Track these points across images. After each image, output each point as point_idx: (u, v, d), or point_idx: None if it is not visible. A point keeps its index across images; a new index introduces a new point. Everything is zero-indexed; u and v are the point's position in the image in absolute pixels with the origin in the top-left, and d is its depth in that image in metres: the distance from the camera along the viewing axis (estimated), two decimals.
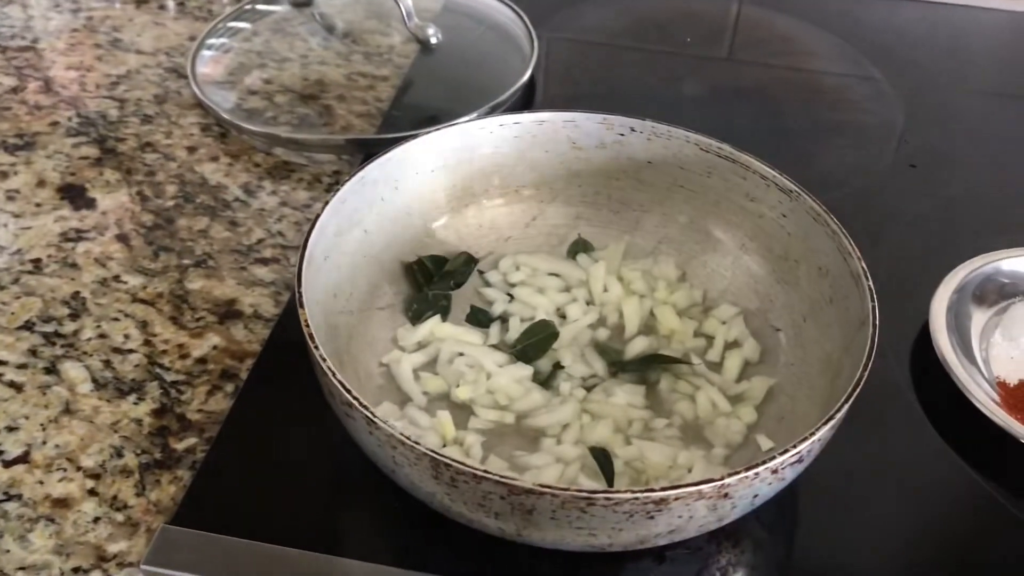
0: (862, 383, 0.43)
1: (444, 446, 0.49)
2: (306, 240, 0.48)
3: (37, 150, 0.70)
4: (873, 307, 0.46)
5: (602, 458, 0.48)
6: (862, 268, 0.48)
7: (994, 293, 0.57)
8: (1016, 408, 0.52)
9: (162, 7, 0.87)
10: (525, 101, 0.77)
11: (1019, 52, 0.87)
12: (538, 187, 0.60)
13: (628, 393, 0.52)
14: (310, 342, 0.43)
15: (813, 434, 0.40)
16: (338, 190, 0.52)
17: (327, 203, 0.51)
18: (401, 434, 0.39)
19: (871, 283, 0.47)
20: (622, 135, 0.58)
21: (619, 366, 0.53)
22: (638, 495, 0.38)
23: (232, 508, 0.48)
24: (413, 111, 0.75)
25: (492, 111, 0.72)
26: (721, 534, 0.48)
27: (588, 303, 0.57)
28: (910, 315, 0.57)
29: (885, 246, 0.63)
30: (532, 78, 0.77)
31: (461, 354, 0.53)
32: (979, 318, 0.56)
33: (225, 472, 0.49)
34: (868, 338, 0.45)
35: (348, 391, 0.41)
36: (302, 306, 0.45)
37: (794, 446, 0.40)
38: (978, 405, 0.51)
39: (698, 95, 0.81)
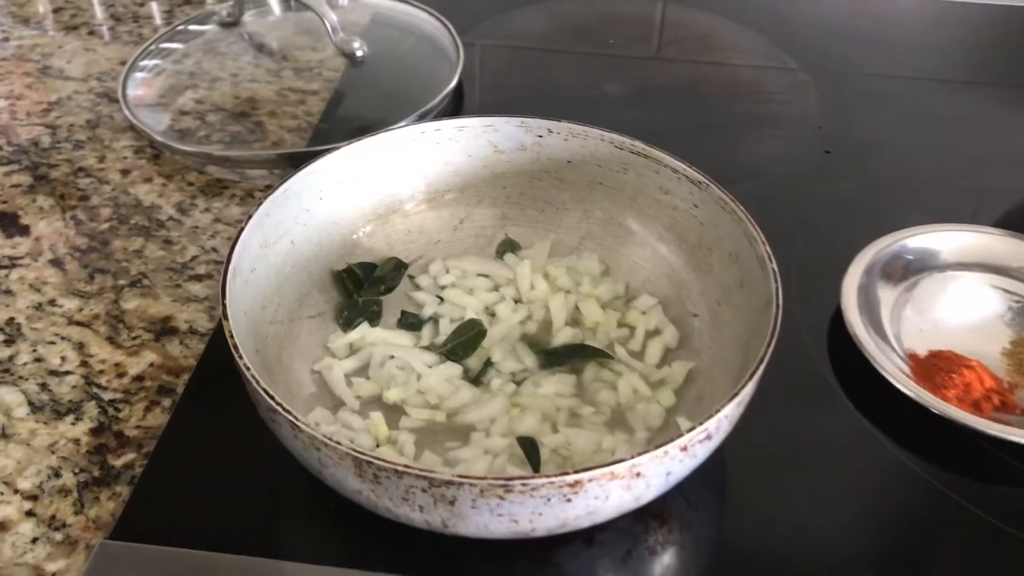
0: (765, 360, 0.45)
1: (378, 446, 0.51)
2: (230, 254, 0.49)
3: None
4: (777, 288, 0.48)
5: (528, 447, 0.50)
6: (766, 252, 0.50)
7: (902, 270, 0.59)
8: (926, 378, 0.54)
9: (92, 32, 0.88)
10: (454, 108, 0.79)
11: (930, 37, 0.90)
12: (463, 191, 0.62)
13: (556, 383, 0.54)
14: (235, 352, 0.44)
15: (719, 411, 0.42)
16: (261, 203, 0.53)
17: (250, 217, 0.52)
18: (323, 435, 0.41)
19: (775, 266, 0.49)
20: (540, 136, 0.60)
21: (547, 357, 0.55)
22: (552, 479, 0.39)
23: (171, 520, 0.49)
24: (343, 123, 0.77)
25: (420, 119, 0.74)
26: (648, 514, 0.49)
27: (516, 301, 0.58)
28: (825, 297, 0.59)
29: (802, 230, 0.66)
30: (460, 85, 0.78)
31: (392, 357, 0.55)
32: (889, 295, 0.58)
33: (163, 485, 0.50)
34: (772, 318, 0.47)
35: (271, 397, 0.42)
36: (226, 318, 0.46)
37: (701, 423, 0.42)
38: (889, 378, 0.53)
39: (624, 94, 0.83)
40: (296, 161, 0.71)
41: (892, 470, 0.53)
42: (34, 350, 0.58)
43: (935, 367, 0.55)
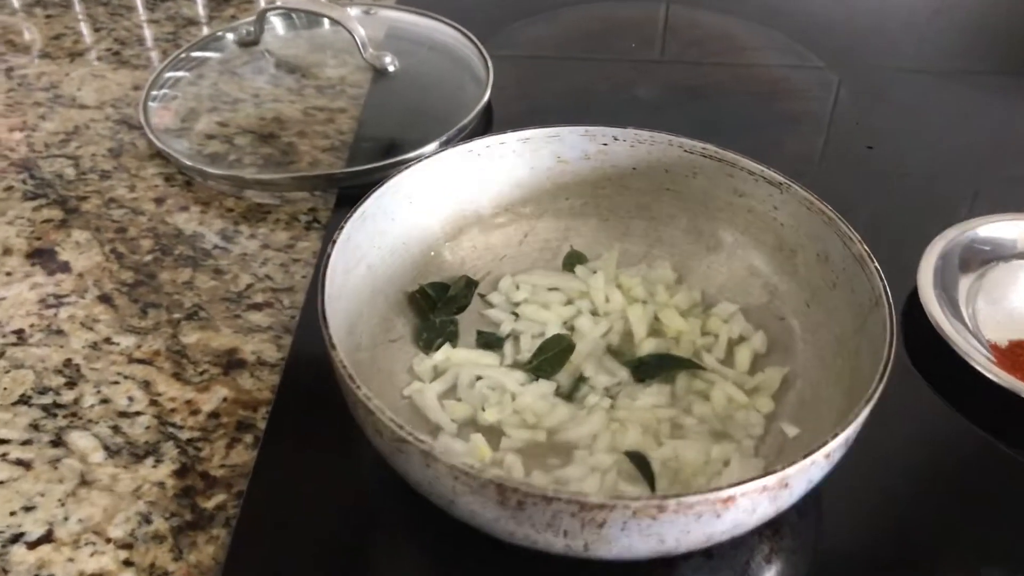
0: (890, 360, 0.44)
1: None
2: (323, 282, 0.48)
3: None
4: (884, 287, 0.48)
5: (640, 462, 0.49)
6: (865, 251, 0.50)
7: (974, 259, 0.60)
8: (1014, 368, 0.54)
9: (99, 58, 0.85)
10: (485, 121, 0.78)
11: (943, 26, 0.91)
12: (526, 204, 0.61)
13: (652, 395, 0.53)
14: (350, 383, 0.43)
15: (856, 416, 0.42)
16: (342, 228, 0.51)
17: (334, 242, 0.50)
18: (463, 463, 0.39)
19: (877, 264, 0.49)
20: (605, 144, 0.59)
21: (637, 369, 0.54)
22: (707, 495, 0.38)
23: (277, 560, 0.47)
24: (378, 141, 0.75)
25: (457, 134, 0.73)
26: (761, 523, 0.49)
27: (593, 313, 0.57)
28: (896, 290, 0.59)
29: (860, 226, 0.66)
30: (489, 102, 0.77)
31: (480, 377, 0.53)
32: (963, 285, 0.59)
33: (263, 525, 0.48)
34: (884, 318, 0.46)
35: (400, 427, 0.41)
36: (334, 347, 0.44)
37: (842, 429, 0.41)
38: (978, 367, 0.53)
39: (653, 98, 0.82)
40: (337, 182, 0.70)
41: (990, 462, 0.53)
42: (98, 391, 0.56)
43: (1020, 357, 0.55)
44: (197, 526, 0.49)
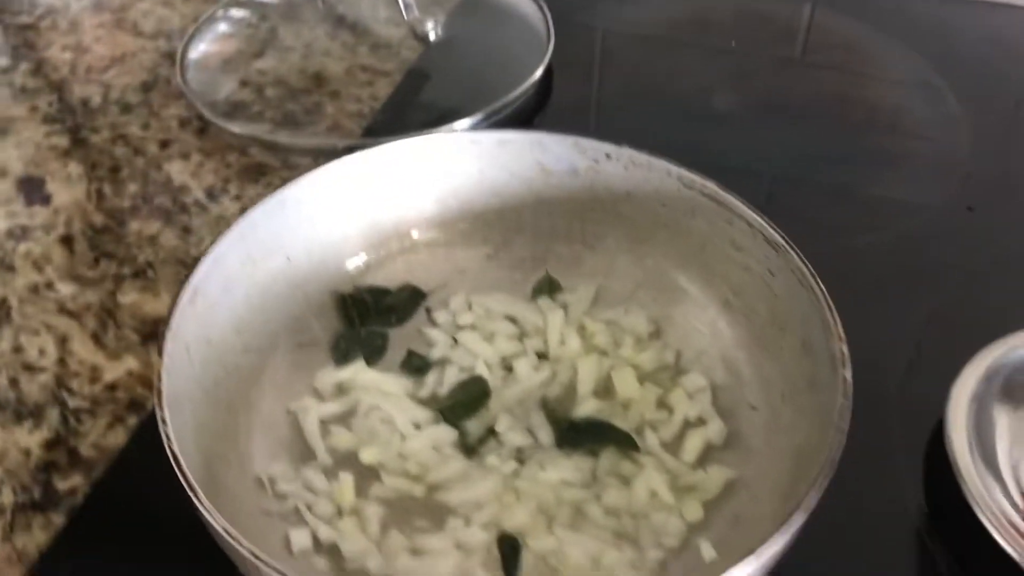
0: (808, 508, 0.34)
1: (340, 515, 0.43)
2: (187, 275, 0.42)
3: (9, 137, 0.67)
4: (844, 405, 0.37)
5: (508, 551, 0.41)
6: (841, 352, 0.39)
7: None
8: None
9: None
10: (538, 103, 0.70)
11: None
12: (501, 214, 0.53)
13: (568, 469, 0.44)
14: (174, 463, 0.36)
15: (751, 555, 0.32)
16: (246, 213, 0.45)
17: (229, 229, 0.45)
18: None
19: (848, 373, 0.38)
20: (596, 161, 0.50)
21: (565, 434, 0.46)
22: None
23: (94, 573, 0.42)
24: (405, 114, 0.68)
25: (496, 113, 0.65)
26: None
27: (541, 356, 0.49)
28: (932, 403, 0.47)
29: (918, 310, 0.53)
30: (549, 77, 0.69)
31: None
32: (1008, 415, 0.46)
33: (96, 527, 0.44)
34: (831, 443, 0.36)
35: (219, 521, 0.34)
36: (164, 421, 0.38)
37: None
38: (985, 521, 0.41)
39: (741, 107, 0.71)
40: (340, 155, 0.64)
41: None
42: (16, 338, 0.53)
43: None
44: (40, 508, 0.45)
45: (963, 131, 0.67)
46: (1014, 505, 0.42)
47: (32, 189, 0.63)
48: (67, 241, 0.59)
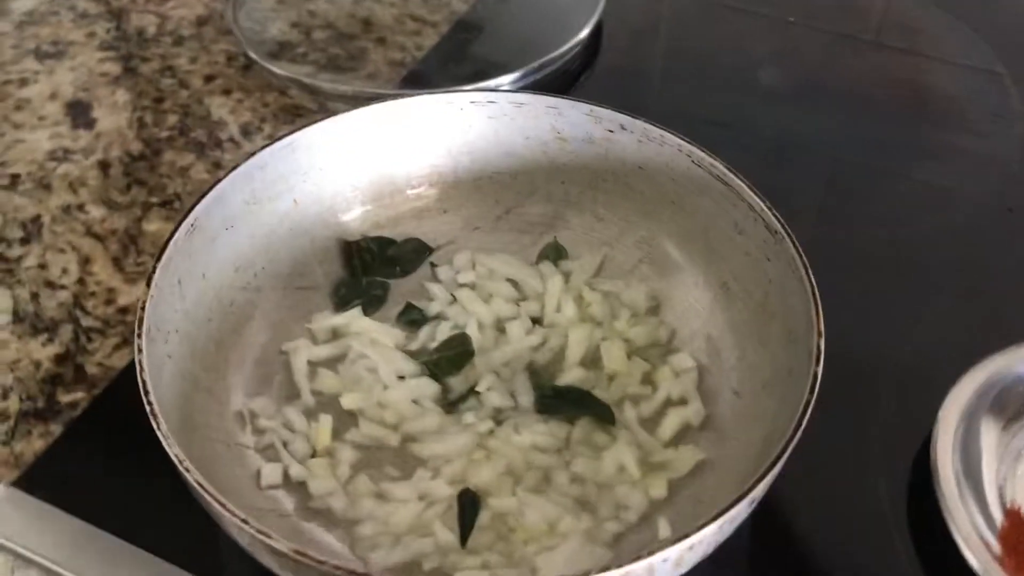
0: (753, 502, 0.34)
1: (314, 455, 0.44)
2: (190, 208, 0.43)
3: (64, 60, 0.69)
4: (807, 402, 0.36)
5: (467, 505, 0.41)
6: (817, 347, 0.38)
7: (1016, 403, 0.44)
8: (1016, 549, 0.41)
9: None
10: (584, 63, 0.69)
11: None
12: (515, 176, 0.53)
13: (542, 434, 0.45)
14: (141, 388, 0.38)
15: (691, 534, 0.32)
16: (254, 153, 0.46)
17: (235, 167, 0.46)
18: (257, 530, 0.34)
19: (819, 369, 0.38)
20: (611, 131, 0.49)
21: (546, 400, 0.46)
22: None
23: (83, 482, 0.45)
24: (444, 66, 0.69)
25: (535, 72, 0.65)
26: None
27: (536, 321, 0.49)
28: (921, 419, 0.46)
29: (928, 314, 0.52)
30: (597, 37, 0.68)
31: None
32: (996, 432, 0.44)
33: (90, 441, 0.46)
34: (783, 442, 0.35)
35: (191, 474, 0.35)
36: (140, 350, 0.40)
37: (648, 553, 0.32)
38: (958, 540, 0.40)
39: (793, 83, 0.69)
40: (374, 101, 0.64)
41: None
42: (43, 255, 0.55)
43: None
44: (42, 416, 0.48)
45: (1018, 128, 0.64)
46: (990, 521, 0.41)
47: (79, 113, 0.65)
48: (104, 166, 0.61)
